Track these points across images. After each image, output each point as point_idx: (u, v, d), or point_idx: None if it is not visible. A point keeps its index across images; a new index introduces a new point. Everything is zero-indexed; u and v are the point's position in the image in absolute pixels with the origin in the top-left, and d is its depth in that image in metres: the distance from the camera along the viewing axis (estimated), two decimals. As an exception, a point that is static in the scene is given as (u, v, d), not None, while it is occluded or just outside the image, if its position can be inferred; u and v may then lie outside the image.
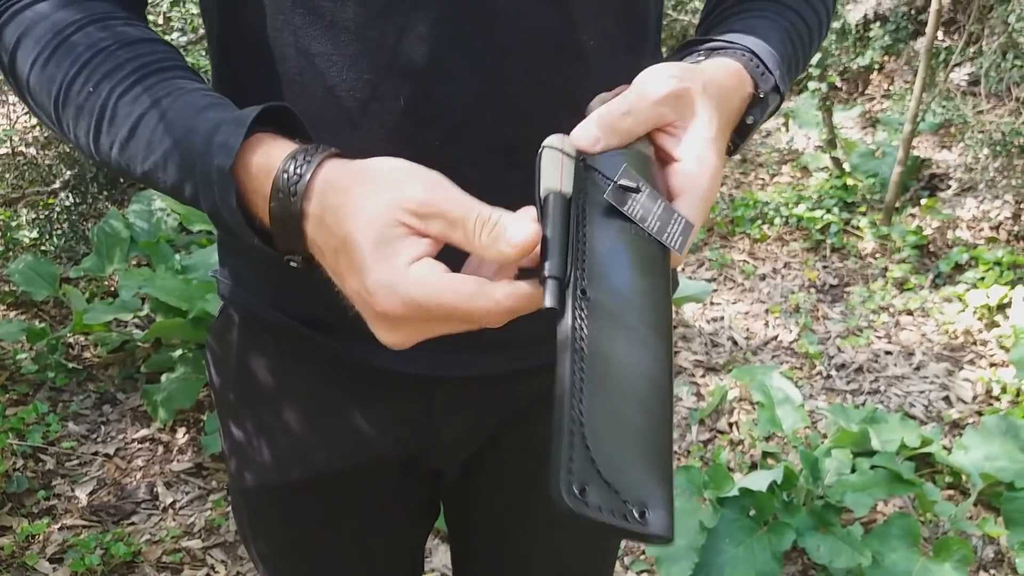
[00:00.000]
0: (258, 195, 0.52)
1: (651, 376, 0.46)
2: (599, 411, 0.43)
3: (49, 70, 0.57)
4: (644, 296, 0.49)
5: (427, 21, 0.59)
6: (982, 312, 2.89)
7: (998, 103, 3.56)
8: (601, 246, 0.50)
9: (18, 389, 2.35)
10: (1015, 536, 1.88)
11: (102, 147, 0.57)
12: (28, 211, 2.99)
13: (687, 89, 0.56)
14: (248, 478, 0.80)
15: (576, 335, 0.45)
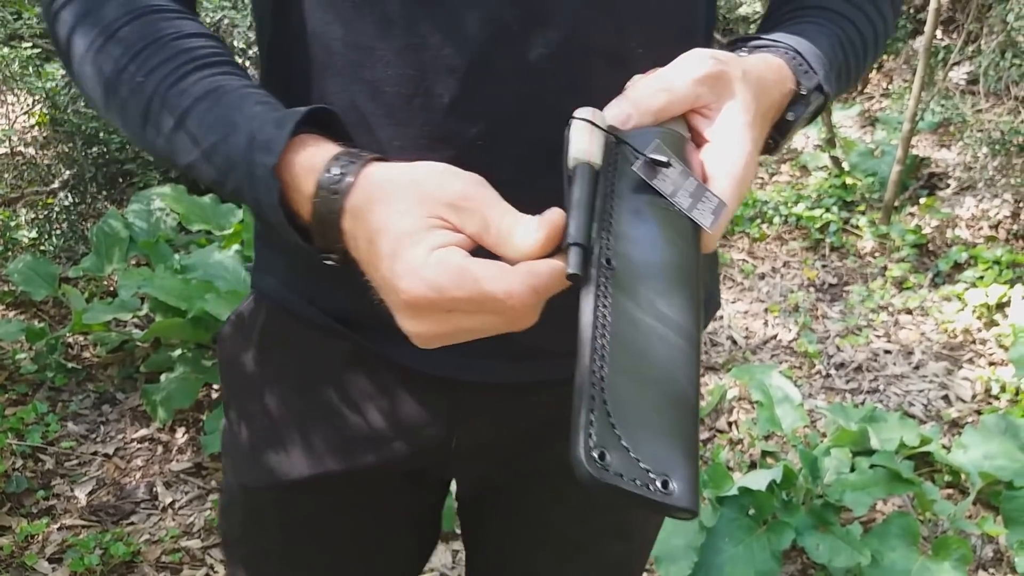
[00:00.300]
0: (300, 193, 0.53)
1: (676, 348, 0.45)
2: (622, 379, 0.42)
3: (102, 57, 0.59)
4: (672, 269, 0.48)
5: (475, 20, 0.59)
6: (981, 311, 2.89)
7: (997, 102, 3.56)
8: (628, 218, 0.49)
9: (17, 389, 2.35)
10: (1014, 535, 1.88)
11: (148, 136, 0.59)
12: (27, 211, 2.99)
13: (725, 72, 0.56)
14: (252, 474, 0.79)
15: (599, 302, 0.45)
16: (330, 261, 0.55)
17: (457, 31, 0.59)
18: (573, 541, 0.86)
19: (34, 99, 3.31)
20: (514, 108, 0.61)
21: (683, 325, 0.46)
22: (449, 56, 0.60)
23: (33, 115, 3.38)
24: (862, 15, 0.72)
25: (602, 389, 0.42)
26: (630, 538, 0.90)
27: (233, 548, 0.87)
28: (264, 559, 0.84)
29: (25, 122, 3.43)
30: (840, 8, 0.71)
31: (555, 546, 0.86)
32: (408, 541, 0.88)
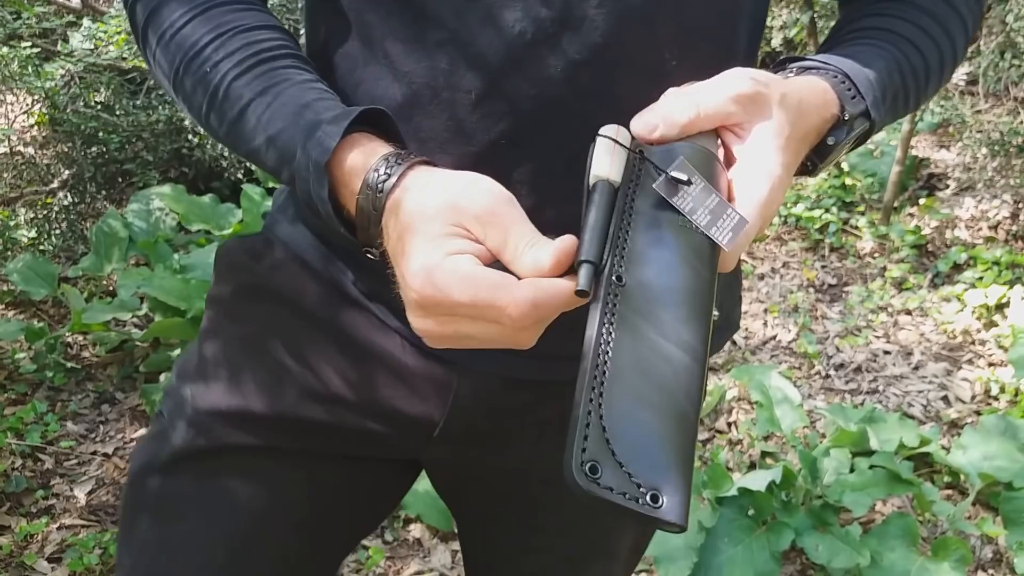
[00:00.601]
0: (347, 189, 0.56)
1: (680, 367, 0.46)
2: (621, 394, 0.43)
3: (173, 46, 0.63)
4: (685, 288, 0.49)
5: (508, 19, 0.59)
6: (980, 312, 2.89)
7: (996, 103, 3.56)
8: (644, 236, 0.50)
9: (16, 388, 2.35)
10: (1013, 536, 1.89)
11: (211, 123, 0.63)
12: (26, 211, 2.98)
13: (761, 93, 0.56)
14: (220, 399, 0.74)
15: (605, 319, 0.45)
16: (370, 255, 0.58)
17: (492, 28, 0.60)
18: (562, 554, 0.85)
19: (33, 99, 3.31)
20: (539, 110, 0.61)
21: (690, 344, 0.47)
22: (481, 53, 0.60)
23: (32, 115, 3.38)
24: (927, 39, 0.69)
25: (599, 404, 0.43)
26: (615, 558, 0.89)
27: (140, 488, 0.77)
28: (179, 504, 0.76)
29: (24, 122, 3.43)
30: (904, 31, 0.69)
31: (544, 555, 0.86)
32: (348, 518, 0.83)
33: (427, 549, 1.96)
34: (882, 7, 0.71)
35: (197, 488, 0.76)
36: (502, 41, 0.60)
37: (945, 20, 0.71)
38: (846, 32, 0.71)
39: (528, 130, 0.62)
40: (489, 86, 0.61)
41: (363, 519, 0.85)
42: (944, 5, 0.71)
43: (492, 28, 0.60)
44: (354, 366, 0.73)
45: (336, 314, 0.73)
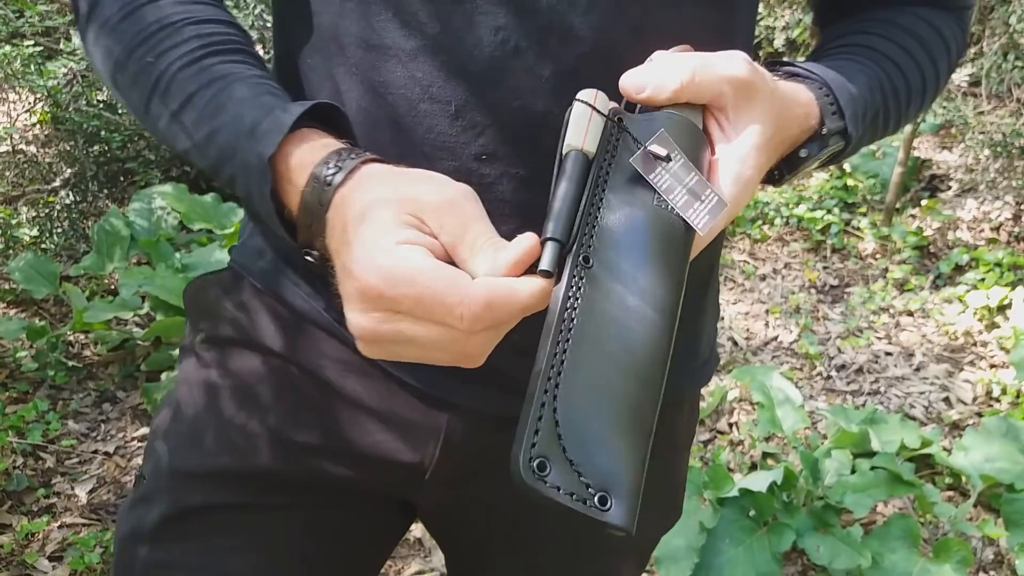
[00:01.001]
0: (292, 185, 0.53)
1: (643, 359, 0.43)
2: (578, 386, 0.41)
3: (115, 35, 0.59)
4: (654, 274, 0.46)
5: (489, 27, 0.57)
6: (982, 313, 2.89)
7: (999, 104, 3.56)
8: (617, 214, 0.47)
9: (18, 387, 2.35)
10: (1015, 538, 1.88)
11: (151, 114, 0.59)
12: (28, 209, 2.99)
13: (756, 83, 0.54)
14: (198, 458, 0.71)
15: (567, 303, 0.43)
16: (310, 257, 0.54)
17: (471, 38, 0.57)
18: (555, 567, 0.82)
19: (36, 97, 3.31)
20: (522, 123, 0.59)
21: (656, 331, 0.44)
22: (460, 63, 0.58)
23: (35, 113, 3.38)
24: (911, 61, 0.68)
25: (554, 397, 0.41)
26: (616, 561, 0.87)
27: (129, 557, 0.75)
28: (169, 573, 0.73)
29: (27, 120, 3.43)
30: (888, 51, 0.67)
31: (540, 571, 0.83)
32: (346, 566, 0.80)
33: (428, 549, 1.96)
34: (867, 26, 0.69)
35: (185, 555, 0.73)
36: (484, 50, 0.57)
37: (930, 44, 0.70)
38: (830, 48, 0.69)
39: (510, 144, 0.59)
40: (470, 97, 0.58)
41: (363, 563, 0.82)
42: (929, 28, 0.70)
43: (473, 36, 0.57)
44: (336, 413, 0.69)
45: (314, 356, 0.69)
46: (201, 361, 0.73)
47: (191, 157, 0.58)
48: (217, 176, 0.57)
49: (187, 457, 0.72)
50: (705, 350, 0.79)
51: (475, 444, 0.71)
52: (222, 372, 0.72)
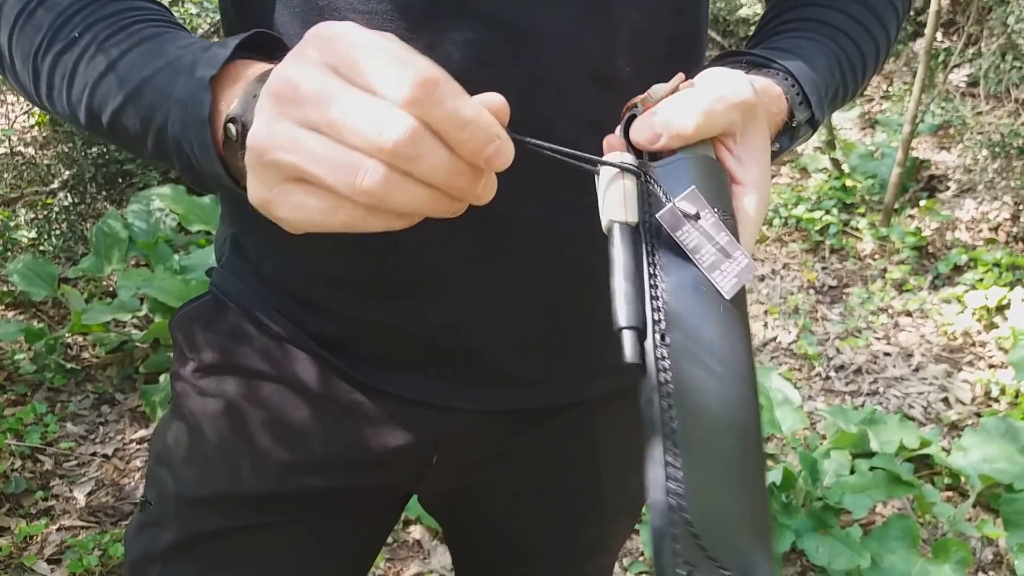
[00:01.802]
0: (231, 94, 0.47)
1: (745, 427, 0.42)
2: (697, 478, 0.40)
3: (36, 19, 0.54)
4: (725, 336, 0.44)
5: (457, 43, 0.56)
6: (981, 313, 2.89)
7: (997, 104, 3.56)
8: (675, 279, 0.44)
9: (16, 389, 2.35)
10: (1014, 538, 1.88)
11: (75, 91, 0.53)
12: (26, 211, 2.98)
13: (756, 104, 0.53)
14: (200, 483, 0.72)
15: (663, 389, 0.41)
16: (233, 127, 0.46)
17: (440, 53, 0.56)
18: (558, 557, 0.85)
19: (34, 99, 3.31)
20: None
21: (746, 394, 0.43)
22: None
23: (33, 115, 3.38)
24: (863, 31, 0.68)
25: (680, 495, 0.39)
26: (610, 549, 0.90)
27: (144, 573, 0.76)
28: None
29: (25, 122, 3.43)
30: (839, 22, 0.67)
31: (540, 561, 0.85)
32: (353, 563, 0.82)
33: (427, 551, 1.96)
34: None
35: (197, 573, 0.74)
36: (454, 64, 0.55)
37: (879, 9, 0.69)
38: (780, 23, 0.68)
39: None
40: None
41: (366, 555, 0.84)
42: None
43: (442, 52, 0.56)
44: (332, 427, 0.70)
45: (304, 376, 0.69)
46: (194, 389, 0.73)
47: (118, 120, 0.52)
48: (145, 133, 0.51)
49: (191, 484, 0.73)
50: None
51: (475, 438, 0.72)
52: (215, 399, 0.72)
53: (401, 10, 0.56)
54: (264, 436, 0.70)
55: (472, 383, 0.68)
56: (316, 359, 0.68)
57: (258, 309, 0.69)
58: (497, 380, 0.68)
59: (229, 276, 0.72)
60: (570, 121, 0.60)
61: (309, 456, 0.70)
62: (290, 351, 0.69)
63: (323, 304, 0.66)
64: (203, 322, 0.73)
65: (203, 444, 0.72)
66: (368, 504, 0.77)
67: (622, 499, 0.84)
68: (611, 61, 0.60)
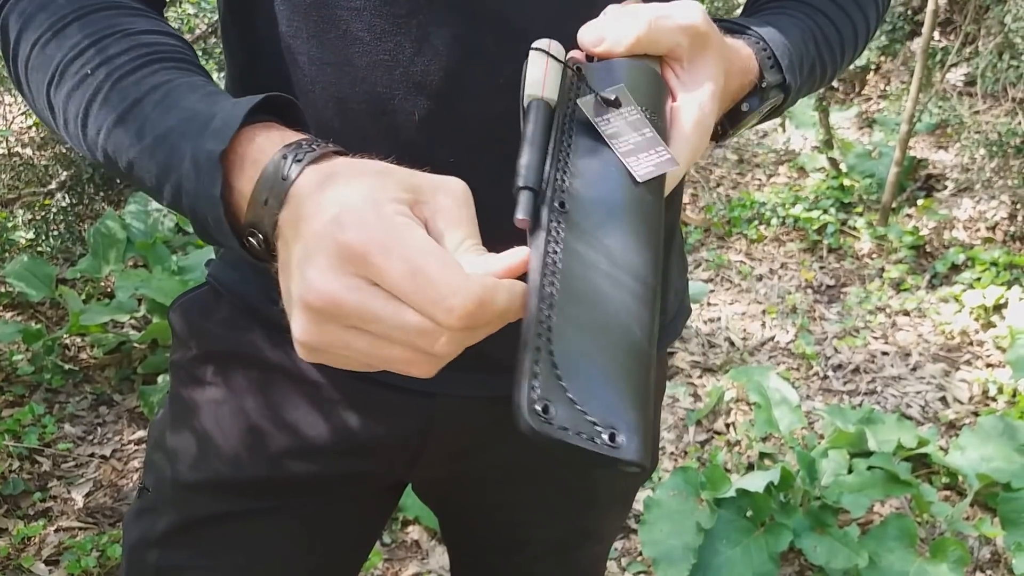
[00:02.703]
0: (245, 175, 0.47)
1: (631, 295, 0.43)
2: (571, 327, 0.40)
3: (48, 51, 0.54)
4: (630, 212, 0.45)
5: (444, 36, 0.57)
6: (979, 313, 2.89)
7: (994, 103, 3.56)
8: (585, 159, 0.47)
9: (14, 390, 2.34)
10: (1011, 537, 1.88)
11: (89, 132, 0.53)
12: (24, 212, 2.98)
13: (710, 33, 0.54)
14: (198, 469, 0.73)
15: (550, 247, 0.42)
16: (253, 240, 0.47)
17: (427, 48, 0.57)
18: (550, 545, 0.86)
19: (31, 100, 3.30)
20: (487, 127, 0.59)
21: (639, 271, 0.44)
22: (419, 74, 0.58)
23: (30, 116, 3.37)
24: (841, 12, 0.70)
25: (548, 339, 0.39)
26: (602, 538, 0.90)
27: (140, 562, 0.77)
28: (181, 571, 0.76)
29: (22, 123, 3.42)
30: (819, 3, 0.69)
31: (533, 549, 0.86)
32: (348, 551, 0.83)
33: (425, 551, 1.96)
34: None
35: (195, 559, 0.75)
36: (440, 60, 0.57)
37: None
38: (762, 4, 0.70)
39: (477, 148, 0.60)
40: (432, 107, 0.58)
41: (362, 545, 0.85)
42: None
43: (429, 47, 0.57)
44: (325, 414, 0.70)
45: (297, 363, 0.69)
46: (193, 378, 0.74)
47: (132, 173, 0.52)
48: (161, 188, 0.51)
49: (188, 470, 0.73)
50: (673, 305, 0.80)
51: (467, 424, 0.73)
52: (211, 386, 0.73)
53: (389, 4, 0.57)
54: (259, 423, 0.71)
55: (463, 370, 0.68)
56: None
57: (253, 298, 0.70)
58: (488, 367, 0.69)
59: (226, 266, 0.73)
60: None
61: (303, 443, 0.71)
62: (284, 339, 0.69)
63: None
64: (200, 311, 0.74)
65: (199, 430, 0.73)
66: (363, 490, 0.78)
67: (614, 487, 0.85)
68: None
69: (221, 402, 0.72)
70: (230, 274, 0.72)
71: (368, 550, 0.86)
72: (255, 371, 0.71)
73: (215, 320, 0.73)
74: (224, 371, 0.73)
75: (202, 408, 0.73)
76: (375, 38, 0.57)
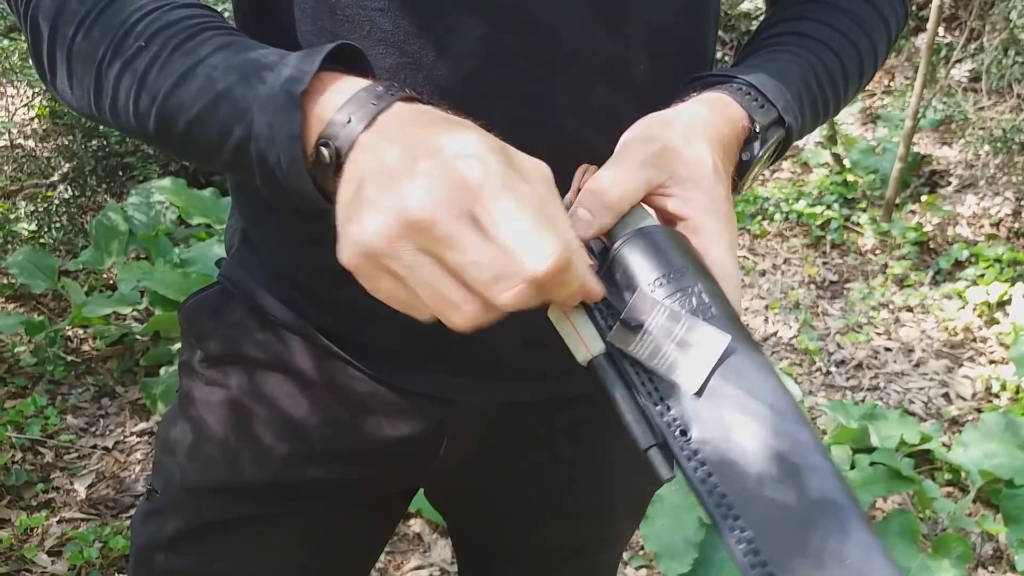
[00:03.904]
0: (326, 102, 0.47)
1: (812, 476, 0.40)
2: (774, 541, 0.39)
3: (95, 34, 0.53)
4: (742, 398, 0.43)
5: (468, 40, 0.56)
6: (982, 309, 2.89)
7: (999, 99, 3.55)
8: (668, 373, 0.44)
9: (17, 382, 2.34)
10: (1014, 533, 1.88)
11: (142, 104, 0.52)
12: (27, 204, 2.98)
13: (666, 146, 0.52)
14: (207, 473, 0.72)
15: (704, 488, 0.41)
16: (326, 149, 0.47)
17: (452, 51, 0.56)
18: (561, 554, 0.85)
19: (34, 91, 3.30)
20: (511, 129, 0.57)
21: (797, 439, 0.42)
22: (443, 77, 0.57)
23: (33, 107, 3.37)
24: (847, 43, 0.67)
25: (764, 563, 0.39)
26: (616, 545, 0.90)
27: (147, 564, 0.77)
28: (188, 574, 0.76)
29: (25, 115, 3.42)
30: (823, 35, 0.66)
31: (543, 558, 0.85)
32: (359, 556, 0.83)
33: (427, 544, 1.96)
34: (800, 11, 0.68)
35: (202, 564, 0.74)
36: (465, 63, 0.56)
37: (866, 23, 0.69)
38: (764, 38, 0.68)
39: None
40: (455, 109, 0.56)
41: (371, 550, 0.84)
42: (866, 6, 0.69)
43: (452, 51, 0.56)
44: (336, 419, 0.70)
45: (309, 367, 0.69)
46: (203, 379, 0.73)
47: (192, 130, 0.52)
48: (223, 144, 0.50)
49: (196, 474, 0.73)
50: None
51: (478, 431, 0.72)
52: (221, 389, 0.72)
53: (412, 6, 0.56)
54: (268, 427, 0.70)
55: (477, 377, 0.68)
56: (322, 351, 0.69)
57: (265, 301, 0.70)
58: (502, 374, 0.68)
59: (237, 267, 0.72)
60: (581, 119, 0.59)
61: (313, 447, 0.70)
62: (296, 343, 0.69)
63: (329, 297, 0.66)
64: (210, 312, 0.73)
65: (208, 434, 0.72)
66: (373, 497, 0.77)
67: (626, 495, 0.84)
68: (624, 58, 0.60)
69: (229, 405, 0.71)
70: (242, 274, 0.72)
71: (377, 555, 0.85)
72: (264, 374, 0.71)
73: (226, 321, 0.72)
74: (233, 373, 0.72)
75: (210, 410, 0.72)
76: (399, 41, 0.57)
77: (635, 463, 0.78)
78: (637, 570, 1.95)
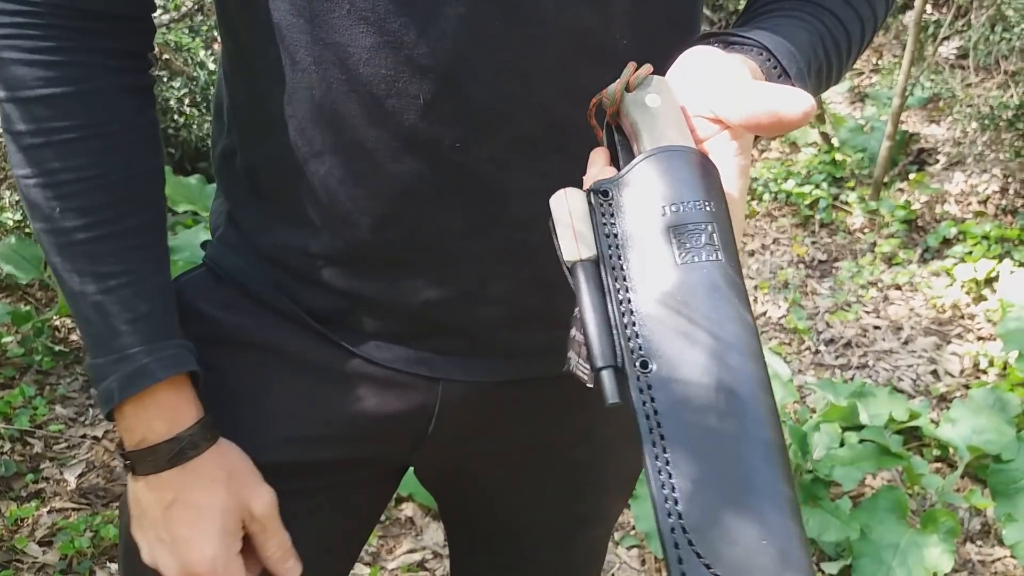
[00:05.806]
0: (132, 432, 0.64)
1: (755, 444, 0.40)
2: (701, 505, 0.38)
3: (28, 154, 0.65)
4: (715, 336, 0.41)
5: (451, 17, 0.56)
6: (970, 286, 2.90)
7: (986, 76, 3.55)
8: (648, 300, 0.42)
9: (4, 372, 2.33)
10: (1001, 508, 1.90)
11: (40, 231, 0.64)
12: (11, 193, 2.96)
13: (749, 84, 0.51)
14: None
15: (650, 425, 0.39)
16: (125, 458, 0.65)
17: (434, 29, 0.56)
18: (551, 529, 0.85)
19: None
20: (495, 108, 0.58)
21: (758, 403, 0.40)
22: (425, 55, 0.57)
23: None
24: (849, 9, 0.67)
25: (683, 528, 0.38)
26: (606, 521, 0.90)
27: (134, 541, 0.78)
28: None
29: (7, 103, 3.38)
30: (830, 4, 0.66)
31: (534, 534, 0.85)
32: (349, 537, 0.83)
33: (419, 528, 1.96)
34: None
35: None
36: (447, 41, 0.56)
37: None
38: (766, 3, 0.67)
39: (484, 129, 0.59)
40: (438, 89, 0.57)
41: (361, 530, 0.84)
42: None
43: (436, 28, 0.56)
44: (324, 399, 0.70)
45: (297, 348, 0.69)
46: None
47: (61, 277, 0.65)
48: (78, 324, 0.65)
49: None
50: None
51: (470, 410, 0.72)
52: (209, 371, 0.71)
53: None
54: (255, 408, 0.70)
55: (466, 355, 0.68)
56: (310, 332, 0.68)
57: (252, 282, 0.69)
58: (491, 352, 0.69)
59: (224, 249, 0.72)
60: (565, 96, 0.59)
61: (301, 428, 0.70)
62: (284, 324, 0.69)
63: (317, 278, 0.66)
64: (197, 294, 0.72)
65: None
66: (364, 476, 0.77)
67: (616, 471, 0.84)
68: (608, 34, 0.59)
69: (216, 386, 0.71)
70: (229, 256, 0.71)
71: (366, 535, 0.85)
72: (252, 355, 0.71)
73: (215, 303, 0.72)
74: (219, 355, 0.71)
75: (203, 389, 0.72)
76: (380, 19, 0.56)
77: (625, 439, 0.78)
78: (628, 550, 1.96)
